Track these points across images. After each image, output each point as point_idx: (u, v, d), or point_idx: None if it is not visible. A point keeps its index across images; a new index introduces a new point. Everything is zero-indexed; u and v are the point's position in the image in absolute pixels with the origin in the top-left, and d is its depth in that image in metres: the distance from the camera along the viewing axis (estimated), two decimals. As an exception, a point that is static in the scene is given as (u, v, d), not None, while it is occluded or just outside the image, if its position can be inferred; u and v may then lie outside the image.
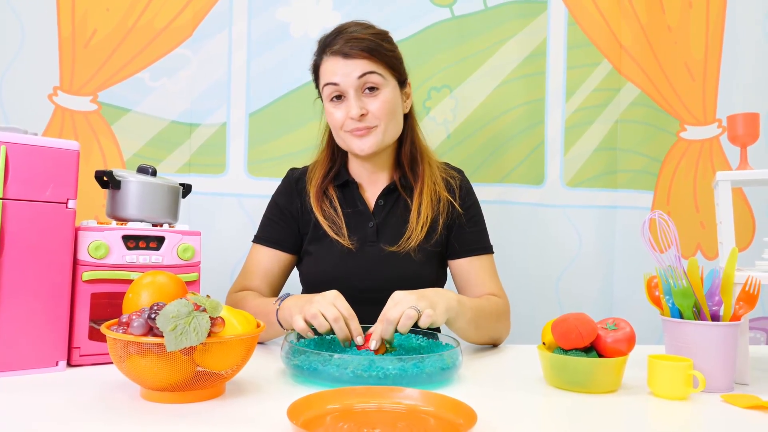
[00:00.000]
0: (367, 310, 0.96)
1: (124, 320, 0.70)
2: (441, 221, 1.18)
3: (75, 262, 0.88)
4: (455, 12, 1.70)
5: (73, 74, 1.58)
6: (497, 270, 1.26)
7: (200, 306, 0.68)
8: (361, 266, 1.15)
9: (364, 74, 1.09)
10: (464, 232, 1.21)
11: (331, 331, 0.88)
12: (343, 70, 1.09)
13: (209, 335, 0.69)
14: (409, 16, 1.68)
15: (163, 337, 0.65)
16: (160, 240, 0.94)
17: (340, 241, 1.15)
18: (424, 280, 1.15)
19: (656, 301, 0.90)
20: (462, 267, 1.21)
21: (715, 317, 0.86)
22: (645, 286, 0.91)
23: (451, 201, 1.20)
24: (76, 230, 0.89)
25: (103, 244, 0.88)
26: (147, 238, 0.93)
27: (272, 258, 1.20)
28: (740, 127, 0.99)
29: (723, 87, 1.75)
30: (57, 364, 0.85)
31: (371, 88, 1.11)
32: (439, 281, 1.23)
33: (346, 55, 1.09)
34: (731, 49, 1.74)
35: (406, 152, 1.21)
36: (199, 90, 1.63)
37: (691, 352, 0.83)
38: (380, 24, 1.65)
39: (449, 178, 1.24)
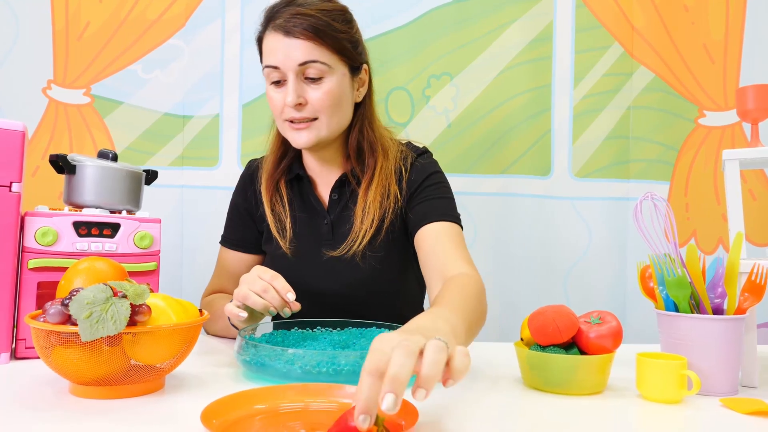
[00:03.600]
0: (328, 313, 0.91)
1: (46, 308, 0.64)
2: (388, 218, 1.04)
3: (21, 249, 0.83)
4: (455, -5, 1.62)
5: (67, 67, 1.56)
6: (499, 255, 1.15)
7: (120, 292, 0.62)
8: (314, 269, 1.06)
9: (305, 62, 0.96)
10: (415, 205, 1.05)
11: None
12: (283, 50, 0.96)
13: (134, 324, 0.63)
14: (406, 1, 1.61)
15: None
16: (114, 227, 0.89)
17: (279, 241, 1.07)
18: (384, 281, 1.05)
19: (651, 294, 0.80)
20: (419, 239, 1.02)
21: (718, 311, 0.77)
22: (638, 277, 0.82)
23: (397, 193, 1.05)
24: (24, 215, 0.84)
25: (50, 230, 0.83)
26: (100, 225, 0.87)
27: (237, 260, 1.15)
28: (751, 100, 0.89)
29: (745, 69, 1.63)
30: (-2, 357, 0.80)
31: (312, 78, 0.98)
32: (409, 279, 1.12)
33: (287, 32, 0.95)
34: (754, 28, 1.62)
35: (352, 143, 1.07)
36: (192, 81, 1.59)
37: (689, 349, 0.73)
38: (378, 10, 1.60)
39: (402, 163, 1.08)
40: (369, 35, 1.58)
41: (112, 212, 0.91)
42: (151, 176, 0.99)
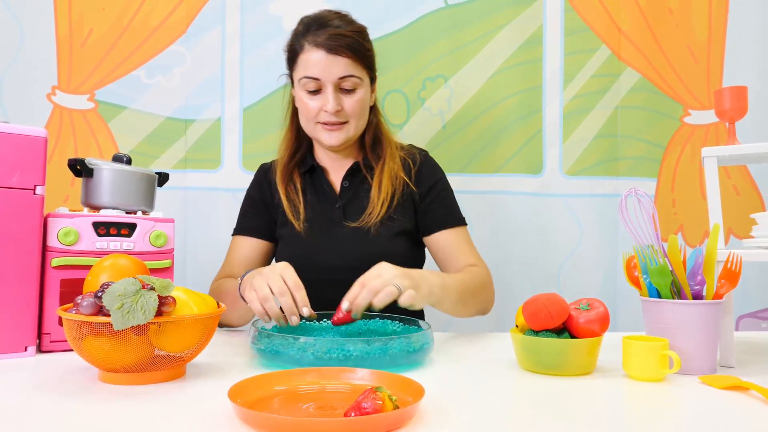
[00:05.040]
0: (339, 290, 0.95)
1: (78, 301, 0.69)
2: (396, 198, 1.19)
3: (45, 248, 0.88)
4: (448, 1, 1.68)
5: (71, 73, 1.60)
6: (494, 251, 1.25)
7: (148, 285, 0.67)
8: (330, 246, 1.16)
9: (345, 76, 1.11)
10: (434, 208, 1.22)
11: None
12: (325, 65, 1.10)
13: (160, 315, 0.68)
14: (402, 6, 1.67)
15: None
16: (131, 227, 0.94)
17: (294, 223, 1.18)
18: (395, 257, 1.12)
19: (636, 282, 0.86)
20: (438, 242, 1.21)
21: (697, 297, 0.83)
22: (624, 266, 0.88)
23: (406, 181, 1.21)
24: (46, 217, 0.89)
25: (72, 231, 0.88)
26: (118, 225, 0.93)
27: (251, 246, 1.23)
28: (727, 101, 0.95)
29: (728, 69, 1.69)
30: (26, 350, 0.85)
31: (349, 89, 1.14)
32: (414, 259, 1.23)
33: (330, 50, 1.10)
34: (736, 29, 1.69)
35: (369, 138, 1.24)
36: (193, 86, 1.63)
37: (671, 333, 0.79)
38: (373, 15, 1.65)
39: (408, 158, 1.25)
40: (365, 40, 1.64)
41: (127, 213, 0.96)
42: (163, 178, 1.05)
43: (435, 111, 1.68)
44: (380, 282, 0.87)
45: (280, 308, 0.87)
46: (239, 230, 1.26)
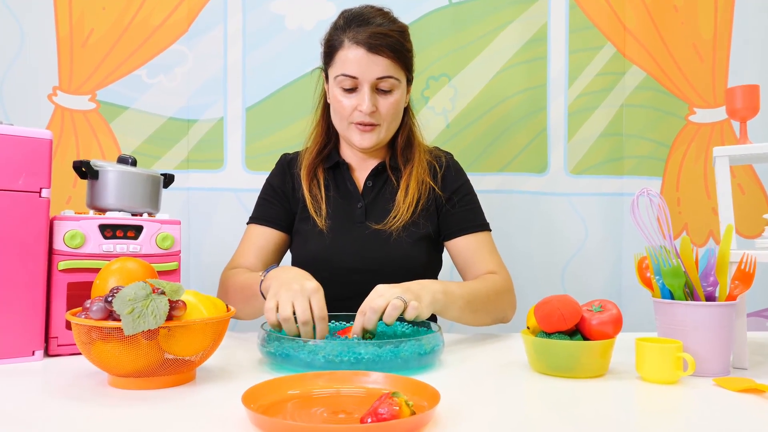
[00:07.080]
0: (354, 291, 0.94)
1: (87, 305, 0.69)
2: (421, 203, 1.18)
3: (51, 252, 0.87)
4: (452, -1, 1.67)
5: (72, 74, 1.59)
6: (498, 250, 1.23)
7: (159, 289, 0.66)
8: (351, 247, 1.14)
9: (383, 77, 1.09)
10: (456, 211, 1.20)
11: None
12: (364, 64, 1.08)
13: (171, 319, 0.67)
14: (405, 4, 1.65)
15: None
16: (138, 229, 0.93)
17: (316, 219, 1.16)
18: (414, 261, 1.14)
19: (647, 283, 0.86)
20: (459, 246, 1.19)
21: (710, 298, 0.82)
22: (636, 267, 0.87)
23: (432, 186, 1.19)
24: (52, 220, 0.89)
25: (78, 233, 0.88)
26: (124, 227, 0.92)
27: (266, 236, 1.20)
28: (739, 100, 0.95)
29: (734, 67, 1.69)
30: (33, 354, 0.84)
31: (386, 90, 1.12)
32: (432, 264, 1.22)
33: (371, 48, 1.07)
34: (742, 27, 1.68)
35: (402, 140, 1.22)
36: (195, 86, 1.62)
37: (684, 334, 0.79)
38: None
39: (434, 161, 1.23)
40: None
41: (133, 215, 0.96)
42: (168, 180, 1.04)
43: (439, 110, 1.68)
44: (383, 300, 0.85)
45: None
46: (256, 219, 1.22)
